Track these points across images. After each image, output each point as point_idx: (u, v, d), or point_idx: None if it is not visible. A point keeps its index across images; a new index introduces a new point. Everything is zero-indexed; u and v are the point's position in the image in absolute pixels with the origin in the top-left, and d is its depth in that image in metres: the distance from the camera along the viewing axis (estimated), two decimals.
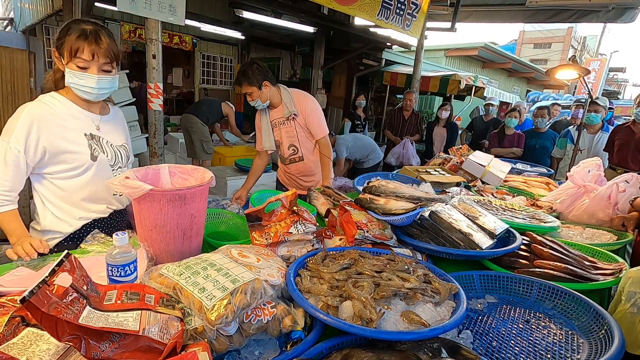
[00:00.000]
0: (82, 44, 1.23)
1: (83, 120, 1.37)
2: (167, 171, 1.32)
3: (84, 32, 1.23)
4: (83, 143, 1.35)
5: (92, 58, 1.25)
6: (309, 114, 2.35)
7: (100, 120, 1.43)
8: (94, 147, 1.38)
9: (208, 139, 4.93)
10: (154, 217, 1.11)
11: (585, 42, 30.63)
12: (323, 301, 0.91)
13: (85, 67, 1.26)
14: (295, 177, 2.58)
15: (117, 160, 1.46)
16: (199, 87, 9.84)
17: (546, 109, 4.42)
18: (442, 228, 1.38)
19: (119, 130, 1.51)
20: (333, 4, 3.92)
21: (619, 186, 1.92)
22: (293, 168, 2.52)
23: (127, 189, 1.05)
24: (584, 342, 0.96)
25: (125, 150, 1.50)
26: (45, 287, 0.66)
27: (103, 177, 1.41)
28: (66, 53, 1.24)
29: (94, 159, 1.37)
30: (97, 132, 1.40)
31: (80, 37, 1.23)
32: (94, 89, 1.29)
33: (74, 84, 1.28)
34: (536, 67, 14.86)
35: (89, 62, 1.25)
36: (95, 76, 1.27)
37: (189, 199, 1.12)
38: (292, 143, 2.42)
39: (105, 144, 1.42)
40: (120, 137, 1.50)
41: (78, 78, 1.27)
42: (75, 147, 1.33)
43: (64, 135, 1.31)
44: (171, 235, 1.14)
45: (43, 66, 7.02)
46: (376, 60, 8.17)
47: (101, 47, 1.25)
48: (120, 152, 1.48)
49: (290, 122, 2.36)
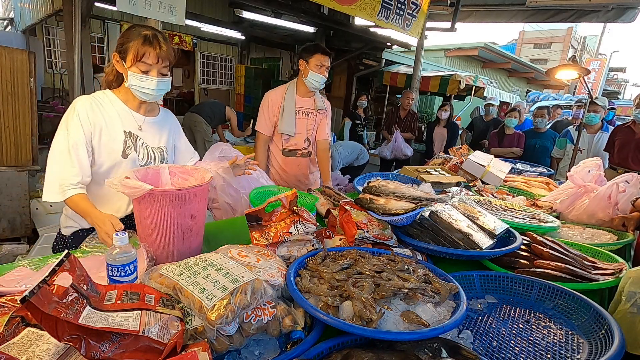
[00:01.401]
0: (147, 49, 1.31)
1: (126, 119, 1.44)
2: (167, 171, 1.33)
3: (147, 38, 1.31)
4: (119, 139, 1.41)
5: (156, 62, 1.34)
6: (327, 114, 2.45)
7: (144, 121, 1.49)
8: (128, 145, 1.43)
9: (210, 139, 4.94)
10: (154, 217, 1.11)
11: (585, 42, 30.63)
12: (323, 301, 0.91)
13: (147, 70, 1.34)
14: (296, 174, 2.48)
15: (148, 161, 1.50)
16: (199, 87, 9.85)
17: (546, 109, 4.42)
18: (442, 228, 1.38)
19: (162, 133, 1.55)
20: (333, 4, 3.92)
21: (619, 186, 1.92)
22: (298, 163, 2.46)
23: (127, 189, 1.05)
24: (584, 342, 0.96)
25: (160, 153, 1.54)
26: (45, 287, 0.66)
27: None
28: (130, 57, 1.32)
29: (124, 156, 1.42)
30: (137, 132, 1.46)
31: (145, 43, 1.31)
32: (153, 90, 1.36)
33: (135, 86, 1.36)
34: (536, 67, 14.87)
35: (151, 66, 1.34)
36: (156, 79, 1.35)
37: (189, 199, 1.13)
38: (309, 136, 2.44)
39: (140, 144, 1.47)
40: (161, 139, 1.55)
41: (140, 80, 1.34)
42: (111, 142, 1.40)
43: (106, 129, 1.38)
44: (171, 235, 1.15)
45: (43, 66, 7.05)
46: (376, 60, 8.17)
47: (162, 51, 1.33)
48: (154, 154, 1.52)
49: (316, 115, 2.40)
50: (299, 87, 2.36)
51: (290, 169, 2.46)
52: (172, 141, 1.63)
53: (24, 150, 3.48)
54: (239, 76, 9.70)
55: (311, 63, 2.23)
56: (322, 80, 2.26)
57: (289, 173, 2.48)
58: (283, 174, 2.48)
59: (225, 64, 10.27)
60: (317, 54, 2.21)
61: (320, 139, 2.46)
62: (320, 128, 2.46)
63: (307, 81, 2.27)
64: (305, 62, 2.25)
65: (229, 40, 9.70)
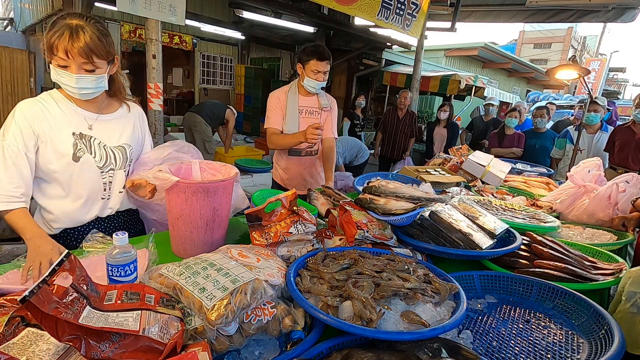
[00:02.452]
0: (56, 41, 1.16)
1: (74, 119, 1.33)
2: (198, 167, 1.40)
3: (62, 28, 1.16)
4: (68, 143, 1.31)
5: (66, 57, 1.17)
6: (333, 112, 2.43)
7: (97, 119, 1.37)
8: (80, 147, 1.32)
9: (210, 139, 4.94)
10: (180, 207, 1.21)
11: (585, 42, 30.63)
12: (323, 301, 0.91)
13: (64, 65, 1.20)
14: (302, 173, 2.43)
15: (108, 162, 1.39)
16: (199, 87, 9.85)
17: (545, 109, 4.42)
18: (442, 228, 1.38)
19: (122, 130, 1.44)
20: (333, 4, 3.92)
21: (619, 186, 1.92)
22: (303, 162, 2.42)
23: (158, 181, 1.16)
24: (584, 342, 0.96)
25: (121, 151, 1.43)
26: (45, 287, 0.66)
27: (88, 179, 1.36)
28: (46, 50, 1.19)
29: (76, 159, 1.32)
30: (88, 132, 1.35)
31: (56, 34, 1.15)
32: (74, 87, 1.23)
33: (58, 82, 1.24)
34: (536, 67, 14.87)
35: (67, 61, 1.18)
36: (74, 75, 1.20)
37: (212, 192, 1.20)
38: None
39: (96, 144, 1.36)
40: (121, 137, 1.43)
41: (60, 76, 1.21)
42: (60, 146, 1.29)
43: (51, 134, 1.28)
44: (195, 225, 1.23)
45: (43, 66, 7.05)
46: (376, 60, 8.18)
47: (75, 45, 1.16)
48: (113, 153, 1.40)
49: (321, 113, 2.36)
50: (300, 87, 2.33)
51: (295, 169, 2.42)
52: (137, 134, 1.51)
53: None
54: (239, 76, 9.70)
55: (307, 69, 2.19)
56: (319, 86, 2.23)
57: (295, 172, 2.44)
58: (289, 173, 2.45)
59: (225, 64, 10.27)
60: (313, 59, 2.15)
61: (325, 137, 2.41)
62: (325, 126, 2.40)
63: (305, 85, 2.26)
64: (302, 66, 2.21)
65: (229, 40, 9.70)
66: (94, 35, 1.19)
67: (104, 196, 1.43)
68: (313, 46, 2.21)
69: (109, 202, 1.45)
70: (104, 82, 1.29)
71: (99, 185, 1.40)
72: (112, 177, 1.42)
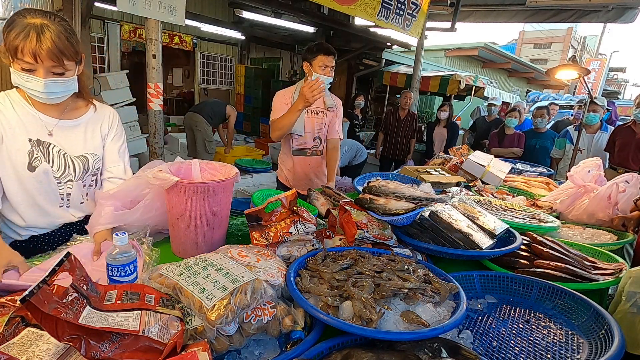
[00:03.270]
0: (21, 44, 1.03)
1: (32, 125, 1.21)
2: (198, 167, 1.40)
3: (26, 28, 1.03)
4: (23, 150, 1.20)
5: (34, 61, 1.06)
6: (338, 112, 2.42)
7: (57, 124, 1.25)
8: (36, 156, 1.22)
9: (211, 139, 4.94)
10: (180, 207, 1.21)
11: (585, 42, 30.62)
12: (323, 301, 0.91)
13: (30, 69, 1.08)
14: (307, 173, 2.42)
15: (66, 172, 1.29)
16: (199, 87, 9.85)
17: (545, 109, 4.42)
18: (442, 228, 1.38)
19: (88, 137, 1.32)
20: (333, 4, 3.92)
21: (619, 186, 1.92)
22: (308, 162, 2.41)
23: (158, 181, 1.16)
24: (584, 342, 0.96)
25: (83, 162, 1.31)
26: (45, 287, 0.66)
27: (43, 190, 1.27)
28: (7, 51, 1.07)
29: (31, 169, 1.22)
30: (47, 138, 1.23)
31: (20, 35, 1.03)
32: (42, 93, 1.12)
33: (21, 86, 1.13)
34: (536, 67, 14.87)
35: (34, 65, 1.07)
36: (42, 80, 1.09)
37: (211, 192, 1.20)
38: (319, 135, 2.39)
39: (55, 152, 1.25)
40: (86, 145, 1.32)
41: (24, 80, 1.10)
42: (14, 154, 1.20)
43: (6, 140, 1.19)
44: (195, 225, 1.23)
45: None
46: (376, 60, 8.18)
47: (44, 47, 1.05)
48: (73, 163, 1.29)
49: (326, 114, 2.36)
50: None
51: (301, 168, 2.42)
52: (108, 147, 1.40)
53: None
54: (239, 76, 9.71)
55: (315, 65, 2.17)
56: (328, 81, 2.22)
57: (300, 172, 2.44)
58: (294, 174, 2.45)
59: (225, 64, 10.27)
60: (320, 54, 2.16)
61: (330, 138, 2.43)
62: (330, 126, 2.42)
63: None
64: (309, 64, 2.20)
65: (229, 40, 9.71)
66: (62, 36, 1.09)
67: (62, 205, 1.34)
68: (318, 44, 2.22)
69: (69, 209, 1.36)
70: (74, 85, 1.20)
71: (55, 197, 1.31)
72: (71, 188, 1.33)
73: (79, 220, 1.40)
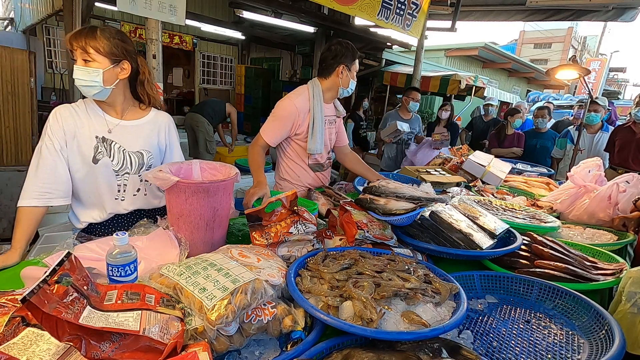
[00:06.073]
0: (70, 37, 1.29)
1: (97, 123, 1.41)
2: (198, 167, 1.41)
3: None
4: (90, 145, 1.39)
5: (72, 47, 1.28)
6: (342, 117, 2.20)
7: (118, 124, 1.44)
8: (100, 150, 1.40)
9: (212, 139, 4.94)
10: (180, 207, 1.21)
11: (586, 42, 30.62)
12: (323, 301, 0.91)
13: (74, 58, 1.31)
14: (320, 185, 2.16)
15: (124, 166, 1.46)
16: (199, 87, 9.85)
17: (546, 109, 4.42)
18: (442, 228, 1.38)
19: (143, 136, 1.50)
20: (333, 4, 3.92)
21: (619, 186, 1.92)
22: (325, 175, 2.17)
23: (158, 181, 1.17)
24: (584, 343, 0.95)
25: (138, 157, 1.49)
26: (45, 287, 0.66)
27: (104, 182, 1.44)
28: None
29: (95, 161, 1.40)
30: (108, 135, 1.42)
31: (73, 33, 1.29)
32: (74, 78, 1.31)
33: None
34: (536, 67, 14.86)
35: (74, 53, 1.29)
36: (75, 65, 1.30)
37: (212, 192, 1.21)
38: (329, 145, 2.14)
39: (116, 148, 1.44)
40: (141, 143, 1.49)
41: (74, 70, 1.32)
42: (83, 148, 1.38)
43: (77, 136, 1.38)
44: (195, 225, 1.23)
45: (43, 66, 7.05)
46: (376, 60, 8.17)
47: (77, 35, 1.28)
48: (131, 158, 1.47)
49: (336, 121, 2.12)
50: (325, 93, 1.99)
51: (317, 183, 2.16)
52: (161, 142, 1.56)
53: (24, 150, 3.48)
54: (239, 76, 9.70)
55: (353, 70, 1.94)
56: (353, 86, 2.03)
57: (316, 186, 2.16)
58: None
59: (226, 64, 10.27)
60: (357, 59, 1.95)
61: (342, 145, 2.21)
62: (340, 133, 2.20)
63: (349, 90, 1.98)
64: (347, 67, 1.92)
65: (229, 40, 9.70)
66: (98, 31, 1.29)
67: (118, 197, 1.50)
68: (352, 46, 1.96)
69: (123, 202, 1.51)
70: (99, 78, 1.30)
71: (113, 187, 1.47)
72: (127, 180, 1.49)
73: (128, 213, 1.55)
